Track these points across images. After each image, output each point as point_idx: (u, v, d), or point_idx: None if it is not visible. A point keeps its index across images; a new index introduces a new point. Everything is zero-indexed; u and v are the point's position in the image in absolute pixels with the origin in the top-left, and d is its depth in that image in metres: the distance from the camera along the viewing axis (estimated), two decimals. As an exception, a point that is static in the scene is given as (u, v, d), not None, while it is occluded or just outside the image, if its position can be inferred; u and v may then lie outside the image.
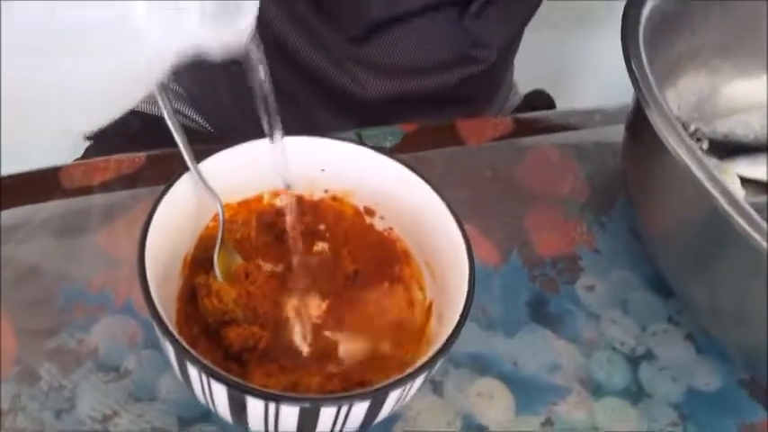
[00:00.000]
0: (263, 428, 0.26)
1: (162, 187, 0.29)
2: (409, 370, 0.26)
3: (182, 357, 0.25)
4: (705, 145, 0.48)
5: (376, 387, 0.25)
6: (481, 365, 0.35)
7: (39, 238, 0.36)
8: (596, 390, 0.35)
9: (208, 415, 0.31)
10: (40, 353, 0.32)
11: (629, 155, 0.42)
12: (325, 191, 0.35)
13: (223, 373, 0.24)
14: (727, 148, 0.49)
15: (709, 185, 0.30)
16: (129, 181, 0.39)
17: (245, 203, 0.34)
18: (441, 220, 0.31)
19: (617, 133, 0.43)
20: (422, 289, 0.34)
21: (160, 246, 0.28)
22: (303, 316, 0.33)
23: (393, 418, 0.32)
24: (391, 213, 0.35)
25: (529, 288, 0.39)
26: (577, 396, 0.35)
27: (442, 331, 0.28)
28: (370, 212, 0.35)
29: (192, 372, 0.25)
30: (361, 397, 0.25)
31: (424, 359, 0.26)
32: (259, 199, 0.35)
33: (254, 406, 0.24)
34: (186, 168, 0.30)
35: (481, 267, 0.39)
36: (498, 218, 0.42)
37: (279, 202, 0.35)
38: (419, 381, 0.26)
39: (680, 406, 0.35)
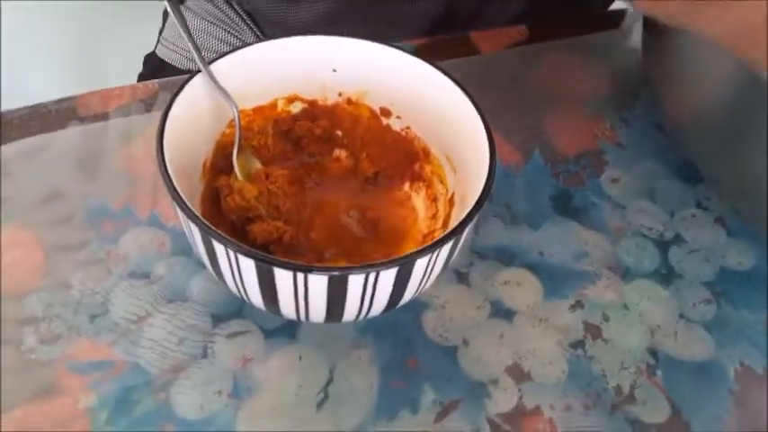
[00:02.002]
0: (293, 307, 0.27)
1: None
2: (435, 239, 0.26)
3: (208, 239, 0.25)
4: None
5: (403, 255, 0.25)
6: (507, 256, 0.35)
7: (60, 162, 0.37)
8: (626, 273, 0.35)
9: (240, 311, 0.32)
10: (69, 264, 0.33)
11: (651, 47, 0.41)
12: (339, 93, 0.35)
13: (250, 248, 0.25)
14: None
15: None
16: (144, 106, 0.40)
17: (259, 110, 0.35)
18: (461, 111, 0.31)
19: (634, 32, 0.43)
20: (443, 183, 0.34)
21: (178, 150, 0.29)
22: (326, 213, 0.34)
23: (421, 306, 0.33)
24: (408, 112, 0.35)
25: (552, 184, 0.39)
26: (607, 280, 0.35)
27: (465, 210, 0.29)
28: (386, 113, 0.35)
29: (220, 252, 0.26)
30: (389, 265, 0.25)
31: (448, 230, 0.27)
32: (273, 105, 0.35)
33: (283, 279, 0.25)
34: (198, 70, 0.31)
35: (503, 168, 0.39)
36: (518, 121, 0.42)
37: (293, 109, 0.36)
38: (445, 251, 0.27)
39: (712, 284, 0.35)
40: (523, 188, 0.39)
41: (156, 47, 0.59)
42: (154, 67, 0.57)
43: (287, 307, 0.27)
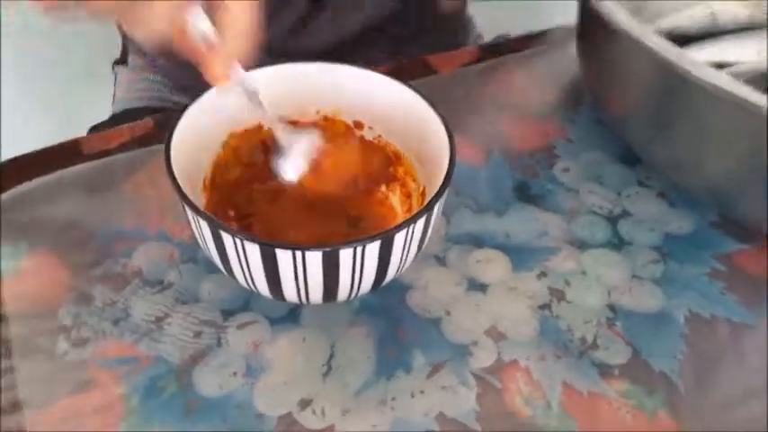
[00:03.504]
0: (293, 287, 0.32)
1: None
2: (410, 216, 0.31)
3: (216, 230, 0.30)
4: (654, 40, 0.54)
5: (384, 230, 0.30)
6: (478, 240, 0.41)
7: (70, 197, 0.41)
8: (582, 245, 0.41)
9: (247, 305, 0.36)
10: (90, 279, 0.37)
11: (585, 55, 0.48)
12: (317, 111, 0.41)
13: (254, 235, 0.30)
14: (675, 40, 0.55)
15: (659, 48, 0.36)
16: (144, 140, 0.45)
17: (246, 134, 0.40)
18: (424, 116, 0.37)
19: (569, 45, 0.49)
20: (415, 180, 0.40)
21: (181, 168, 0.33)
22: (313, 216, 0.39)
23: (406, 288, 0.38)
24: (378, 122, 0.40)
25: (512, 177, 0.45)
26: (566, 252, 0.40)
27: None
28: (359, 125, 0.41)
29: (228, 241, 0.30)
30: (372, 239, 0.30)
31: (421, 207, 0.32)
32: (260, 127, 0.40)
33: (284, 258, 0.30)
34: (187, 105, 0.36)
35: (468, 166, 0.45)
36: (478, 127, 0.48)
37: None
38: (420, 225, 0.32)
39: (658, 248, 0.41)
40: (486, 182, 0.44)
41: (112, 111, 0.64)
42: (115, 120, 0.62)
43: (289, 287, 0.32)
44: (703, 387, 0.34)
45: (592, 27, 0.45)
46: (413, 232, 0.32)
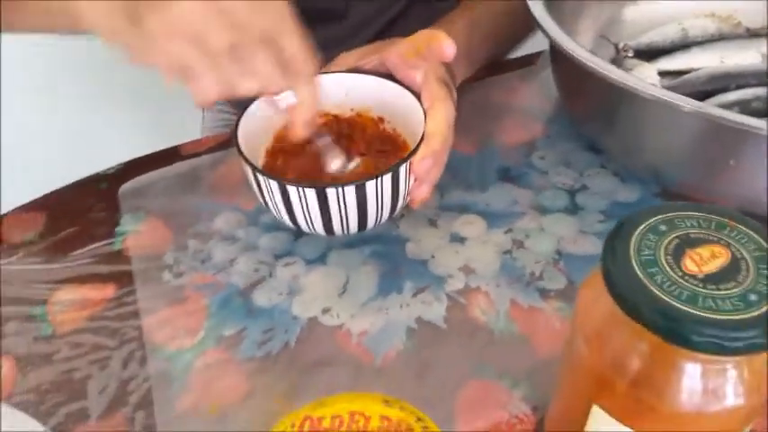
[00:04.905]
0: (301, 213, 0.47)
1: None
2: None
3: (255, 174, 0.46)
4: (631, 53, 0.67)
5: (359, 180, 0.45)
6: (463, 208, 0.55)
7: (173, 184, 0.59)
8: (544, 211, 0.54)
9: (289, 252, 0.52)
10: (186, 236, 0.54)
11: (556, 72, 0.62)
12: (351, 109, 0.57)
13: (274, 175, 0.45)
14: (651, 54, 0.67)
15: (607, 72, 0.49)
16: (225, 144, 0.63)
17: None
18: (417, 112, 0.52)
19: (547, 66, 0.63)
20: (415, 163, 0.55)
21: (247, 144, 0.50)
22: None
23: (404, 240, 0.52)
24: (394, 118, 0.56)
25: (497, 163, 0.59)
26: (530, 216, 0.54)
27: None
28: (381, 120, 0.56)
29: (262, 181, 0.46)
30: (348, 183, 0.45)
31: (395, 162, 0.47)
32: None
33: (293, 192, 0.45)
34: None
35: (462, 155, 0.59)
36: (474, 127, 0.63)
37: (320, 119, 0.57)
38: (387, 179, 0.46)
39: (606, 211, 0.53)
40: (476, 166, 0.58)
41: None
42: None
43: (299, 215, 0.47)
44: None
45: (559, 55, 0.58)
46: (382, 183, 0.46)
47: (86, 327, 0.48)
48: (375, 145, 0.57)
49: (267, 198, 0.49)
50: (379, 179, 0.46)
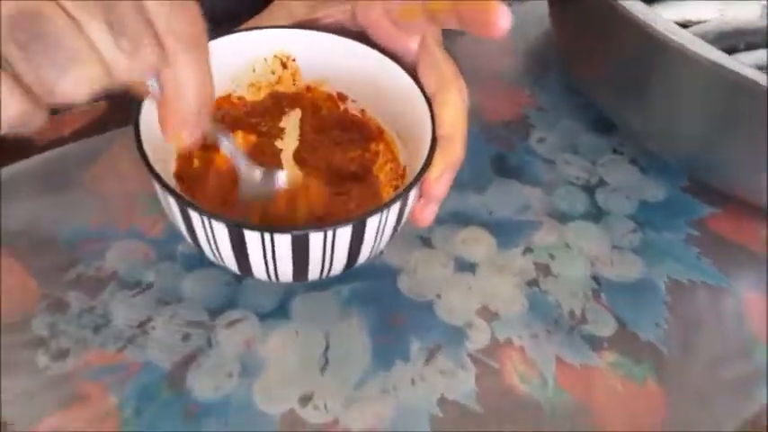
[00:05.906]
0: (263, 266, 0.31)
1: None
2: (384, 202, 0.31)
3: (185, 209, 0.29)
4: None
5: (356, 216, 0.30)
6: (461, 219, 0.41)
7: (28, 193, 0.39)
8: (562, 218, 0.42)
9: (232, 302, 0.36)
10: (62, 285, 0.36)
11: (559, 19, 0.48)
12: (294, 82, 0.40)
13: (223, 215, 0.29)
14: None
15: (636, 11, 0.37)
16: (99, 126, 0.43)
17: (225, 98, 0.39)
18: (408, 93, 0.37)
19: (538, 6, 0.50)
20: (396, 159, 0.40)
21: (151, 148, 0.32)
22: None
23: (395, 271, 0.38)
24: (363, 96, 0.40)
25: (488, 149, 0.45)
26: (548, 226, 0.42)
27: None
28: (342, 98, 0.40)
29: (196, 221, 0.30)
30: (344, 223, 0.30)
31: (397, 193, 0.32)
32: (228, 97, 0.39)
33: (252, 239, 0.29)
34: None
35: (442, 140, 0.45)
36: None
37: (256, 97, 0.40)
38: (394, 210, 0.32)
39: (635, 216, 0.43)
40: (465, 156, 0.45)
41: None
42: None
43: (258, 266, 0.31)
44: (687, 352, 0.37)
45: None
46: (387, 217, 0.32)
47: None
48: (331, 133, 0.41)
49: (202, 241, 0.32)
50: (384, 213, 0.31)
